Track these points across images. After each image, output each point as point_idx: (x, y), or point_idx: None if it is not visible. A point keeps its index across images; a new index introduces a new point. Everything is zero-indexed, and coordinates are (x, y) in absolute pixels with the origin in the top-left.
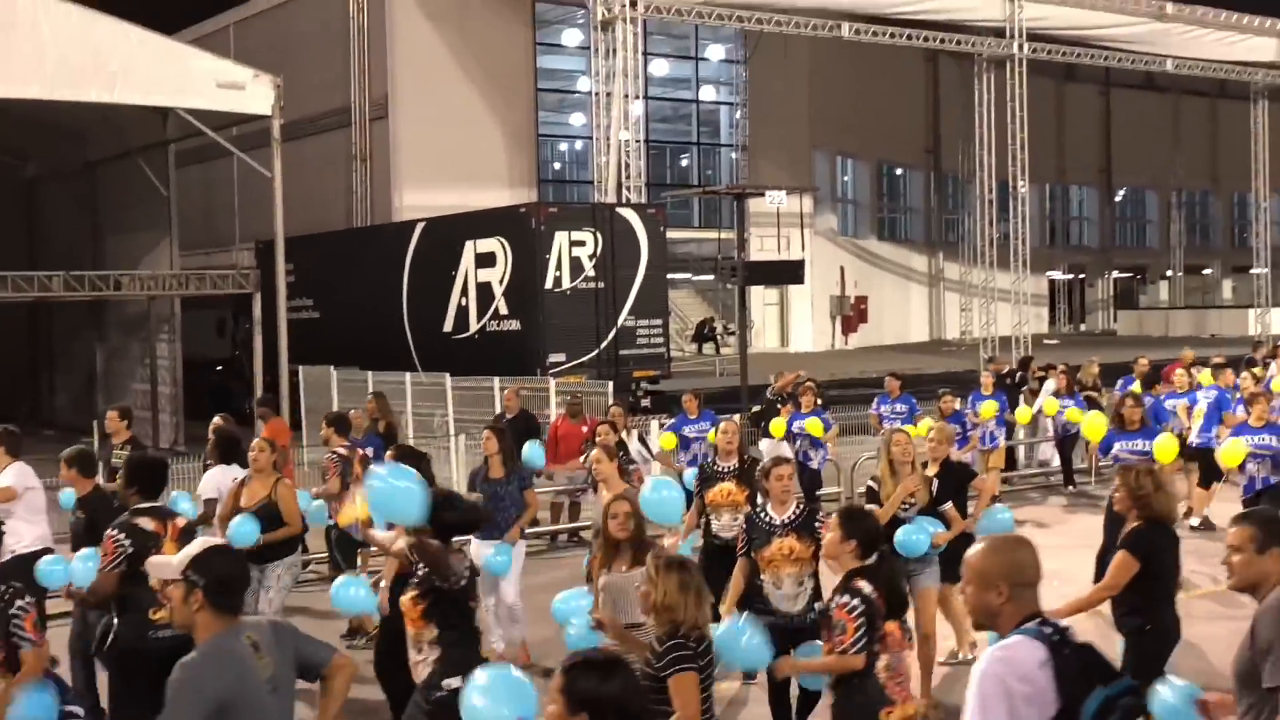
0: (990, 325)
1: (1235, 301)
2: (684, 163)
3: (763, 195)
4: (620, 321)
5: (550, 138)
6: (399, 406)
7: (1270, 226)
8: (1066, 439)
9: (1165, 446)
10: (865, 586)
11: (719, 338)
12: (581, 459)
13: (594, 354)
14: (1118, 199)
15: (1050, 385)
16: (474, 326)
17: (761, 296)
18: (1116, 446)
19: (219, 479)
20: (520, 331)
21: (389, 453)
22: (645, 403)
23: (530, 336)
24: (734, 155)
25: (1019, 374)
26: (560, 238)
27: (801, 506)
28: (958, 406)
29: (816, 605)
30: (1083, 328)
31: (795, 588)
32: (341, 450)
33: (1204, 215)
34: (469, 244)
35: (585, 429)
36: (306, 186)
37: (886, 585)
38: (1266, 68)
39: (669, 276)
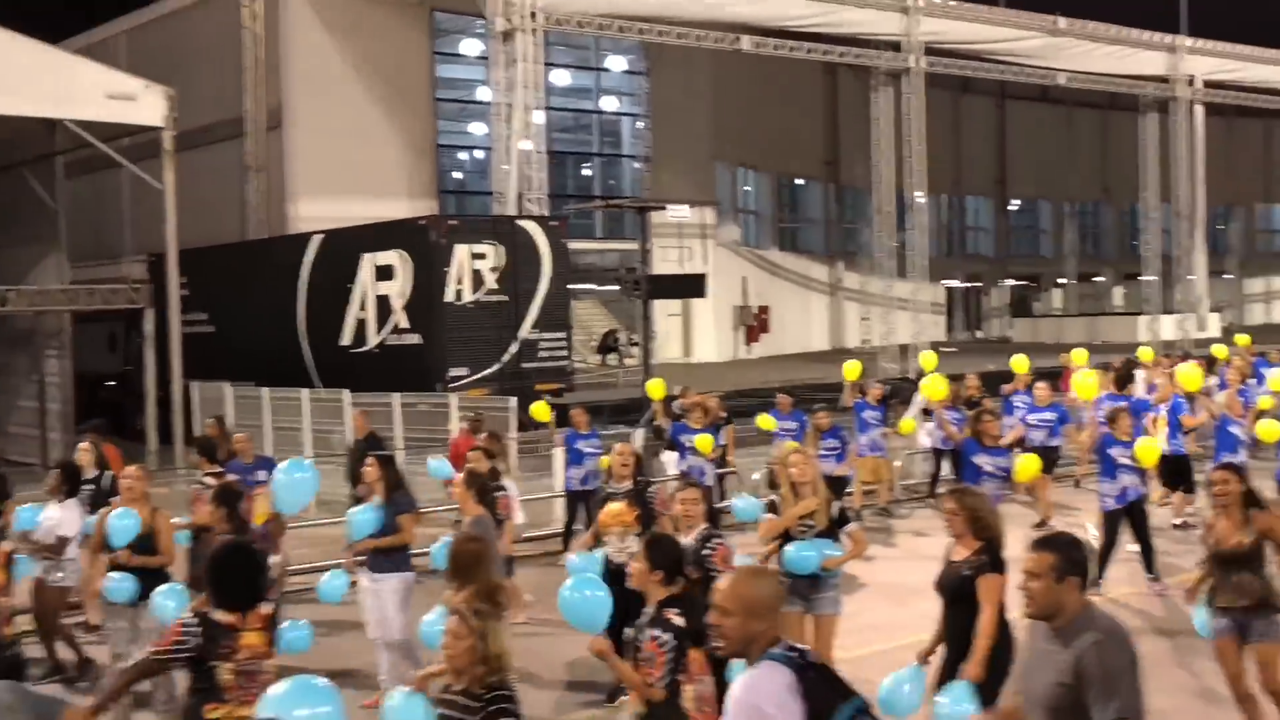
0: (890, 334)
1: (1126, 308)
2: (586, 173)
3: (664, 209)
4: (523, 335)
5: (451, 148)
6: (294, 422)
7: (1159, 235)
8: (945, 451)
9: (1026, 466)
10: (676, 618)
11: (622, 349)
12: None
13: (496, 368)
14: (1012, 209)
15: (919, 399)
16: (373, 340)
17: (665, 307)
18: (978, 460)
19: (62, 516)
20: (421, 345)
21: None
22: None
23: (431, 350)
24: (636, 166)
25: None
26: (461, 250)
27: (703, 532)
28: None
29: (628, 630)
30: (979, 335)
31: None
32: (209, 479)
33: (1095, 224)
34: (367, 256)
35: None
36: (200, 198)
37: (695, 612)
38: (1155, 81)
39: (572, 288)
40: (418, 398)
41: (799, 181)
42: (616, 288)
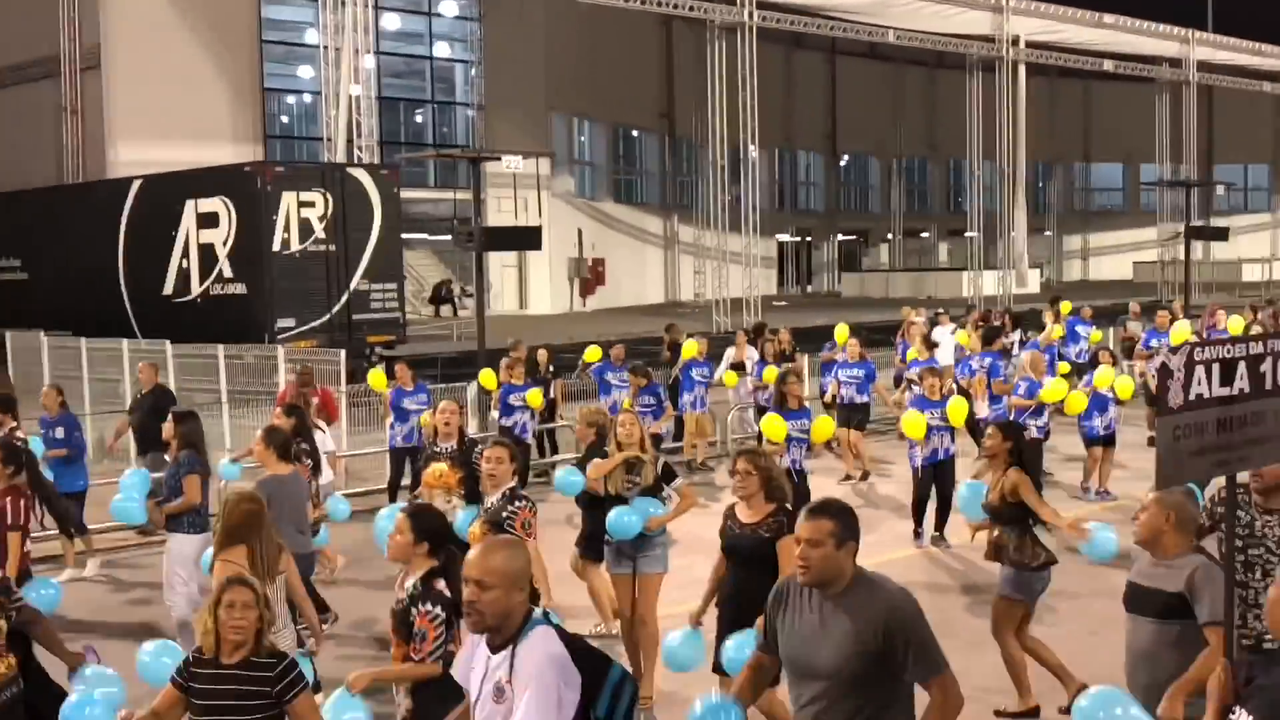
0: (723, 288)
1: (950, 264)
2: (419, 119)
3: (499, 159)
4: (353, 285)
5: (277, 91)
6: (116, 375)
7: (982, 193)
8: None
9: (820, 427)
10: (445, 589)
11: (456, 300)
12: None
13: (325, 319)
14: (842, 164)
15: (730, 354)
16: (196, 290)
17: (500, 259)
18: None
19: None
20: (246, 296)
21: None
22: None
23: (257, 301)
24: (470, 114)
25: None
26: (288, 198)
27: (508, 492)
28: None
29: (396, 604)
30: (809, 289)
31: None
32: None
33: (922, 181)
34: (190, 203)
35: (316, 399)
36: (11, 140)
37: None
38: (980, 40)
39: (404, 237)
40: (243, 349)
41: (635, 133)
42: (449, 238)
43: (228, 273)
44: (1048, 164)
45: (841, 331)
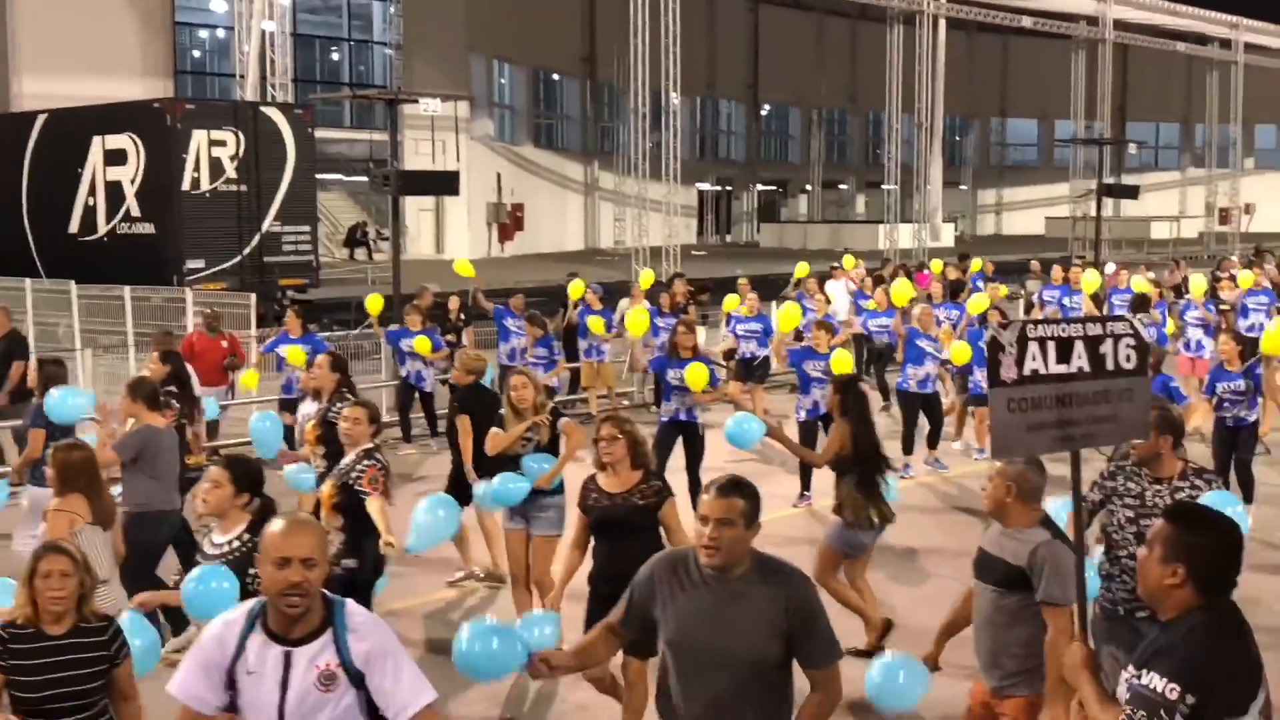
0: (643, 236)
1: (868, 216)
2: (335, 57)
3: (416, 102)
4: (265, 227)
5: (189, 25)
6: (19, 315)
7: (901, 146)
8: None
9: (693, 375)
10: None
11: (372, 243)
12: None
13: (236, 261)
14: (764, 114)
15: (624, 305)
16: (103, 229)
17: (416, 202)
18: (671, 375)
19: None
20: (155, 235)
21: (33, 365)
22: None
23: (165, 241)
24: (388, 53)
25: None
26: (199, 136)
27: (362, 453)
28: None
29: (220, 559)
30: (729, 239)
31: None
32: None
33: (841, 133)
34: (97, 139)
35: (225, 344)
36: None
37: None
38: None
39: (318, 178)
40: (150, 291)
41: (555, 76)
42: (365, 179)
43: (135, 212)
44: (965, 118)
45: (802, 268)
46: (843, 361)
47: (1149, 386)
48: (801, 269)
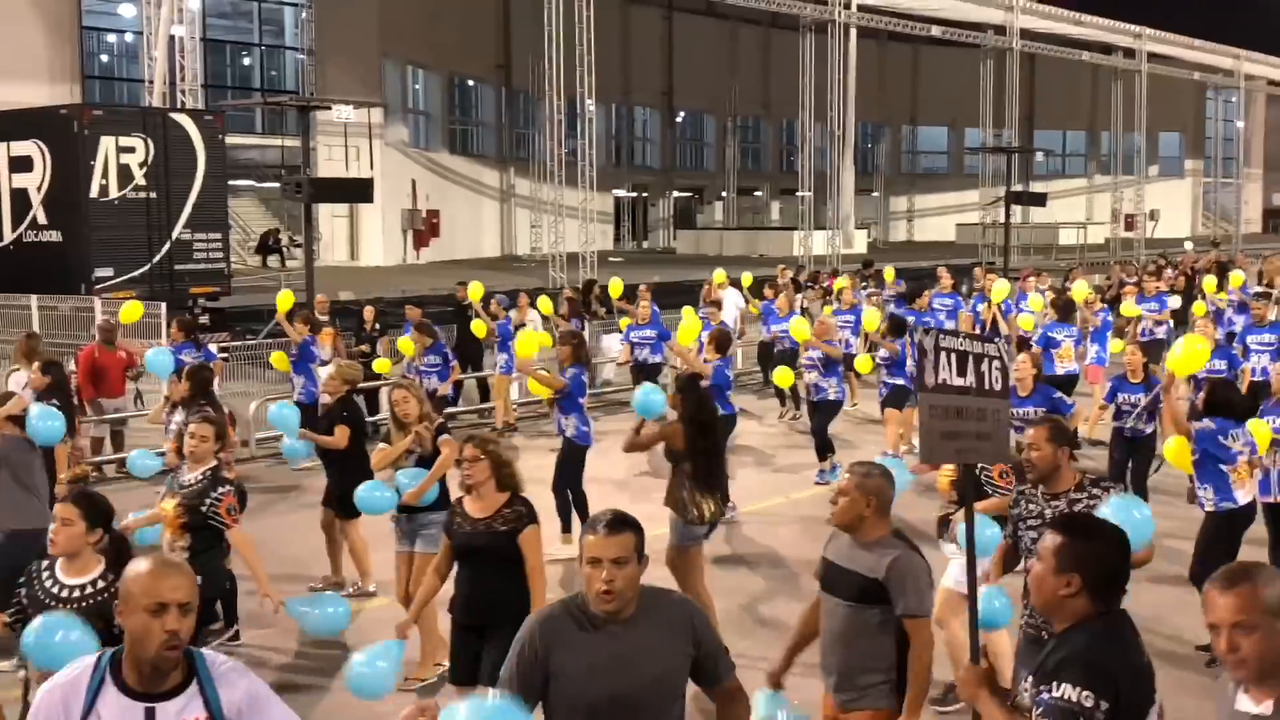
0: (559, 242)
1: (782, 223)
2: (246, 62)
3: (329, 109)
4: (175, 235)
5: (97, 30)
6: None
7: (814, 153)
8: None
9: (524, 343)
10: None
11: (285, 250)
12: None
13: (146, 269)
14: (679, 121)
15: (512, 316)
16: (9, 237)
17: (330, 208)
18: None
19: None
20: (62, 244)
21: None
22: (204, 320)
23: (73, 249)
24: (300, 58)
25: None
26: (107, 143)
27: (209, 474)
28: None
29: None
30: (645, 245)
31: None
32: None
33: (756, 140)
34: (1, 146)
35: (123, 354)
36: None
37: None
38: (814, 2)
39: (230, 185)
40: (58, 300)
41: (470, 83)
42: (278, 185)
43: (42, 219)
44: (877, 125)
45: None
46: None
47: (1008, 410)
48: (719, 275)
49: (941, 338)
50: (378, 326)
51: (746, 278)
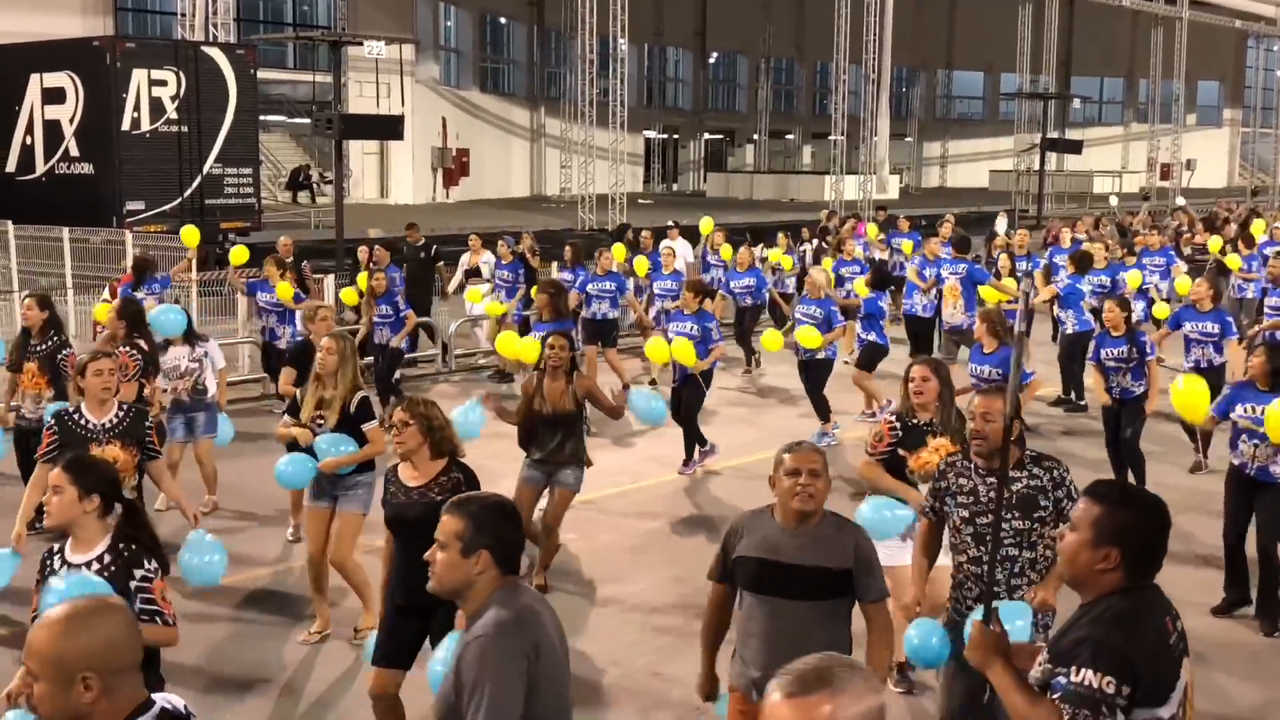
0: (588, 183)
1: (814, 167)
2: None
3: (361, 44)
4: (206, 169)
5: None
6: None
7: (848, 96)
8: None
9: (503, 343)
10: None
11: (315, 186)
12: None
13: (177, 203)
14: (711, 62)
15: (464, 260)
16: (41, 168)
17: (360, 145)
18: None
19: None
20: (94, 176)
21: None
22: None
23: (105, 182)
24: None
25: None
26: (139, 76)
27: (124, 408)
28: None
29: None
30: (675, 188)
31: None
32: None
33: (789, 82)
34: (35, 77)
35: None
36: None
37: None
38: None
39: (261, 120)
40: (89, 232)
41: (502, 20)
42: (308, 121)
43: (74, 151)
44: (912, 69)
45: (706, 224)
46: (655, 349)
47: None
48: (706, 224)
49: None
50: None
51: (707, 224)
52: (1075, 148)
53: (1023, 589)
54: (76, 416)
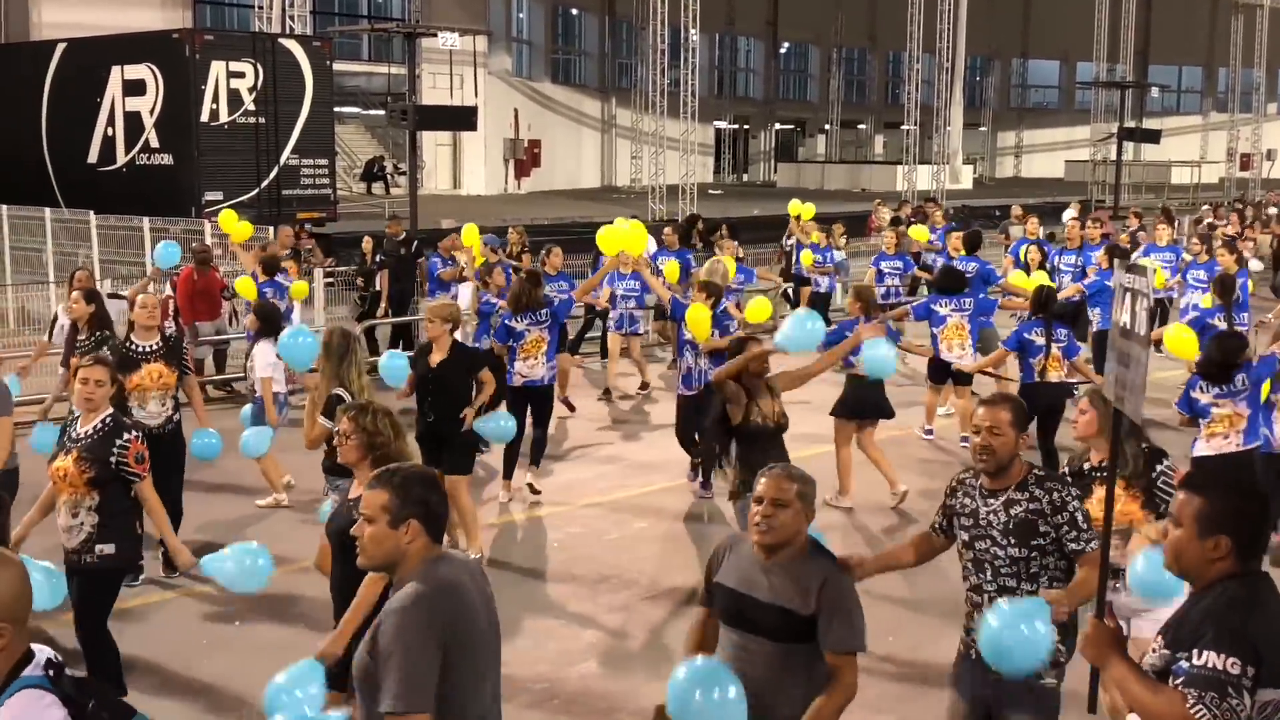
0: (659, 174)
1: (886, 157)
2: None
3: (435, 36)
4: (283, 160)
5: None
6: (38, 244)
7: (920, 86)
8: None
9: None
10: None
11: (389, 177)
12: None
13: (254, 193)
14: (782, 52)
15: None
16: (122, 159)
17: (434, 137)
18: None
19: None
20: (173, 166)
21: None
22: (309, 245)
23: (184, 172)
24: None
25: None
26: (217, 67)
27: (165, 337)
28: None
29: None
30: (745, 178)
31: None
32: None
33: (861, 72)
34: (116, 69)
35: (219, 276)
36: None
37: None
38: None
39: (336, 111)
40: (169, 222)
41: (574, 11)
42: (383, 113)
43: (154, 142)
44: (986, 58)
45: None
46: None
47: (1147, 359)
48: (797, 208)
49: (1129, 271)
50: (379, 259)
51: (808, 210)
52: (1153, 137)
53: None
54: (129, 344)
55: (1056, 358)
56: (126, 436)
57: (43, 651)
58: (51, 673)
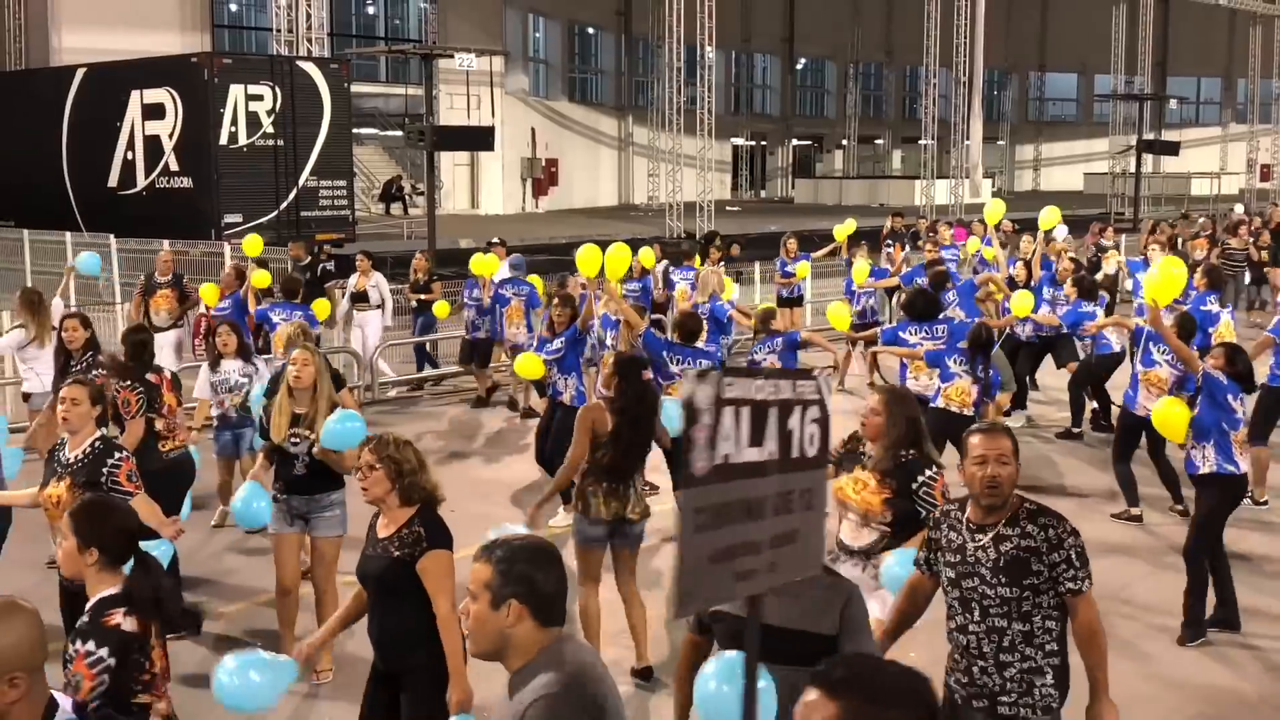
0: (676, 191)
1: (904, 172)
2: (370, 11)
3: (452, 57)
4: (301, 182)
5: None
6: (58, 267)
7: (938, 100)
8: None
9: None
10: (123, 622)
11: (407, 198)
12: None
13: (273, 215)
14: (799, 68)
15: (352, 281)
16: (142, 182)
17: (451, 157)
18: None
19: None
20: (192, 190)
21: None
22: (329, 266)
23: (203, 195)
24: (423, 6)
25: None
26: (236, 91)
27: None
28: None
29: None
30: (763, 194)
31: None
32: None
33: (878, 87)
34: (135, 94)
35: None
36: None
37: (150, 603)
38: None
39: (354, 133)
40: (189, 245)
41: (590, 30)
42: (401, 134)
43: (174, 166)
44: (1003, 72)
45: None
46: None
47: (824, 488)
48: (843, 230)
49: (726, 381)
50: (435, 275)
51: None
52: (1172, 149)
53: (1014, 665)
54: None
55: (964, 389)
56: (117, 456)
57: (65, 701)
58: None
